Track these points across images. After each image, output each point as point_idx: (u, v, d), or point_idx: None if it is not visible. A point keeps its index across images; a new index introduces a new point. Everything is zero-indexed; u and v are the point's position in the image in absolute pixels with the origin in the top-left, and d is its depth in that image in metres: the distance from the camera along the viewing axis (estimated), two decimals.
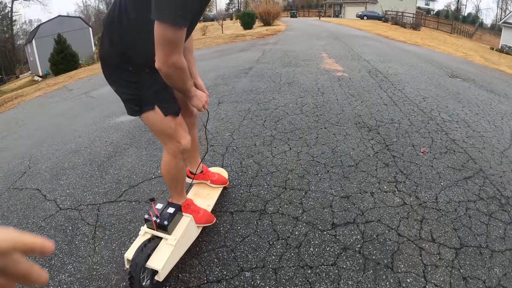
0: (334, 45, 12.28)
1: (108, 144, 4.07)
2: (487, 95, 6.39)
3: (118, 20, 1.58)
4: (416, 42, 17.73)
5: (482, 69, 10.99)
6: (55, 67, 20.28)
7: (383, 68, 7.85)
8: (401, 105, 5.10)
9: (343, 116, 4.57)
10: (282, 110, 4.80)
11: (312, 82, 6.35)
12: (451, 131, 4.21)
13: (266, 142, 3.81)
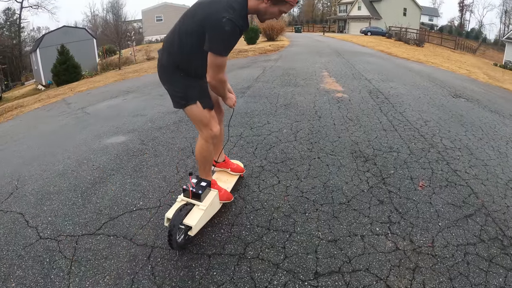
0: (336, 62, 12.14)
1: (95, 169, 3.94)
2: (491, 117, 6.20)
3: (174, 42, 2.31)
4: (420, 59, 17.59)
5: (486, 88, 10.83)
6: (57, 77, 20.37)
7: (384, 88, 7.67)
8: (401, 130, 4.89)
9: (339, 144, 4.36)
10: (275, 137, 4.60)
11: (310, 104, 6.17)
12: (453, 160, 3.99)
13: (255, 173, 3.62)
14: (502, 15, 76.37)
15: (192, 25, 2.21)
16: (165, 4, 51.56)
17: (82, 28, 38.63)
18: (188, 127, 5.14)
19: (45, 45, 27.84)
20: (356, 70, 10.25)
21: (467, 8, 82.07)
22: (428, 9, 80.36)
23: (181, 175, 3.64)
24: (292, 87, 7.62)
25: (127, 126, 5.51)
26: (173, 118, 5.70)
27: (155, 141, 4.67)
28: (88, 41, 30.55)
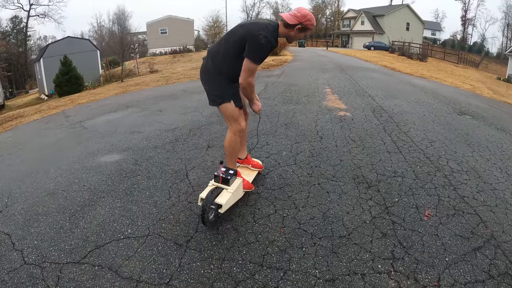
0: (339, 78, 11.99)
1: (85, 190, 3.79)
2: (497, 135, 6.01)
3: (219, 52, 2.95)
4: (423, 74, 17.47)
5: (491, 103, 10.66)
6: (59, 88, 20.32)
7: (388, 105, 7.50)
8: (406, 152, 4.69)
9: (341, 168, 4.15)
10: (273, 160, 4.40)
11: (312, 124, 5.98)
12: (460, 185, 3.78)
13: (250, 201, 3.41)
14: (504, 29, 76.67)
15: (234, 38, 2.87)
16: (170, 17, 51.81)
17: (86, 39, 39.03)
18: (184, 147, 4.97)
19: (48, 55, 27.99)
20: (359, 87, 10.08)
21: (469, 22, 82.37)
22: (430, 23, 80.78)
23: (172, 201, 3.46)
24: (293, 105, 7.45)
25: (122, 144, 5.35)
26: (170, 136, 5.53)
27: (149, 162, 4.50)
28: (92, 53, 30.70)
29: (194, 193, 3.60)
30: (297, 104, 7.48)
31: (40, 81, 31.26)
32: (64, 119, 8.54)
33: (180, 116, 6.85)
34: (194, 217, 3.17)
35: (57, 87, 20.61)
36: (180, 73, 17.93)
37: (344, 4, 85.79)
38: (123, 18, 72.54)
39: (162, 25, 50.70)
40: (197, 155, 4.63)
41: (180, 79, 14.37)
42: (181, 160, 4.50)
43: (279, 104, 7.48)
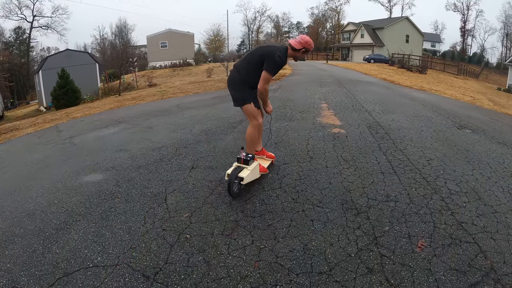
0: (337, 92, 11.81)
1: (63, 211, 3.69)
2: (499, 150, 5.77)
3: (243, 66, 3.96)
4: (423, 87, 17.34)
5: (491, 115, 10.47)
6: (56, 101, 20.34)
7: (385, 121, 7.27)
8: (401, 172, 4.43)
9: (329, 192, 3.88)
10: (257, 183, 4.15)
11: (303, 142, 5.73)
12: (458, 209, 3.51)
13: (227, 230, 3.17)
14: (504, 39, 76.88)
15: (255, 57, 3.92)
16: (170, 31, 52.20)
17: (85, 52, 39.33)
18: (168, 168, 4.78)
19: (47, 67, 28.08)
20: (356, 101, 9.87)
21: (468, 33, 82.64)
22: (430, 35, 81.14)
23: (147, 228, 3.25)
24: (286, 122, 7.23)
25: (107, 163, 5.22)
26: (155, 155, 5.36)
27: (130, 183, 4.34)
28: (91, 65, 30.75)
29: (170, 219, 3.39)
30: (290, 121, 7.26)
31: (39, 93, 31.39)
32: (56, 134, 8.52)
33: (169, 134, 6.68)
34: (166, 246, 2.96)
35: (54, 99, 20.61)
36: (177, 88, 17.84)
37: (344, 17, 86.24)
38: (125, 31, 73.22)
39: (162, 39, 51.06)
40: (179, 177, 4.42)
41: (176, 94, 14.26)
42: (162, 182, 4.30)
43: (272, 121, 7.18)
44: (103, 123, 8.87)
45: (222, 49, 66.41)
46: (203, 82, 19.42)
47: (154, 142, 6.18)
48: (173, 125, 7.52)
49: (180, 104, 10.78)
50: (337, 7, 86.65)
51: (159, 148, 5.71)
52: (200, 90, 14.69)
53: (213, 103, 10.25)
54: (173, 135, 6.54)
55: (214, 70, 31.17)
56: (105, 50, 65.69)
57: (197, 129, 6.85)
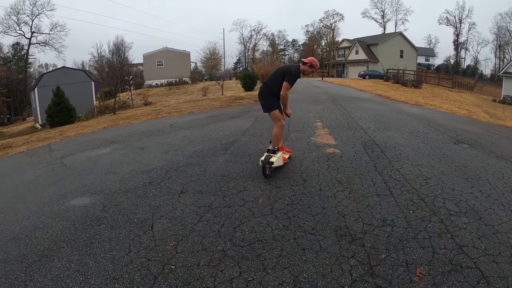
0: (332, 110, 11.74)
1: (48, 237, 3.62)
2: (498, 164, 5.67)
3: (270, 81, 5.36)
4: (418, 102, 17.35)
5: (488, 128, 10.44)
6: (51, 119, 20.26)
7: (381, 139, 7.16)
8: (398, 193, 4.28)
9: (322, 218, 3.71)
10: (248, 208, 3.98)
11: (297, 164, 5.58)
12: (459, 231, 3.36)
13: (214, 261, 3.00)
14: (497, 50, 78.24)
15: (278, 73, 5.28)
16: (166, 49, 52.53)
17: (81, 70, 39.59)
18: (156, 192, 4.64)
19: (43, 85, 28.18)
20: (351, 119, 9.78)
21: (462, 46, 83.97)
22: (424, 49, 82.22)
23: (131, 257, 3.11)
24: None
25: (95, 186, 5.14)
26: (145, 179, 5.23)
27: (117, 208, 4.22)
28: (86, 83, 30.86)
29: (155, 248, 3.23)
30: (284, 141, 7.06)
31: (34, 110, 31.48)
32: (48, 153, 8.49)
33: (160, 155, 6.56)
34: (150, 278, 2.82)
35: (49, 117, 20.51)
36: (172, 106, 17.79)
37: (339, 34, 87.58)
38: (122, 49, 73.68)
39: (159, 57, 51.37)
40: (167, 202, 4.28)
41: (171, 113, 14.17)
42: (149, 208, 4.15)
43: (265, 142, 7.07)
44: (95, 143, 8.78)
45: (219, 67, 66.95)
46: (198, 101, 19.39)
47: (145, 164, 6.05)
48: (165, 146, 7.39)
49: (173, 123, 10.68)
50: (332, 24, 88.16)
51: (149, 171, 5.58)
52: (194, 109, 14.61)
53: (207, 123, 10.14)
54: (164, 157, 6.41)
55: (210, 88, 31.25)
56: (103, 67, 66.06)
57: (189, 151, 6.73)
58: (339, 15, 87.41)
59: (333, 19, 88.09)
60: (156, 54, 51.59)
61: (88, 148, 8.26)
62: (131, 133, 9.67)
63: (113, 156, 6.93)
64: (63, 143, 9.91)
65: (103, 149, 7.85)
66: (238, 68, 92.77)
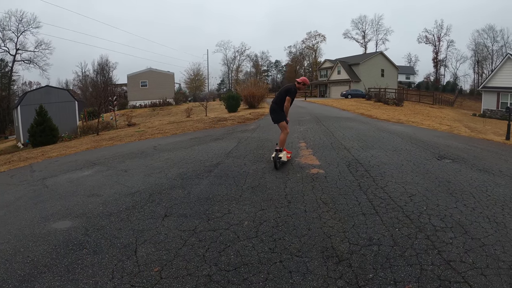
0: (315, 130, 11.86)
1: (28, 261, 3.50)
2: (481, 177, 5.79)
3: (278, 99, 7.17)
4: (400, 119, 17.63)
5: (470, 142, 10.68)
6: (33, 138, 19.84)
7: (364, 157, 7.23)
8: (383, 212, 4.29)
9: (308, 239, 3.67)
10: (233, 232, 3.92)
11: (281, 185, 5.55)
12: (445, 246, 3.38)
13: (199, 286, 2.92)
14: (475, 66, 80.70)
15: (282, 93, 7.14)
16: (150, 70, 52.45)
17: (64, 89, 39.11)
18: (140, 216, 4.55)
19: (26, 103, 27.60)
20: (335, 138, 9.88)
21: (441, 63, 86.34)
22: (404, 68, 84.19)
23: (114, 283, 3.01)
24: (264, 164, 7.08)
25: (77, 209, 5.03)
26: (128, 202, 5.13)
27: (100, 232, 4.11)
28: (70, 103, 30.38)
29: (139, 274, 3.14)
30: (267, 163, 7.10)
31: (17, 128, 30.76)
32: (29, 174, 8.36)
33: (143, 178, 6.47)
34: None
35: (31, 137, 20.11)
36: (155, 128, 17.69)
37: (321, 55, 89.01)
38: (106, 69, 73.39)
39: (143, 78, 51.19)
40: (151, 226, 4.19)
41: (154, 135, 14.08)
42: (133, 232, 4.06)
43: (249, 163, 7.10)
44: (78, 165, 8.65)
45: (202, 88, 67.06)
46: (181, 123, 19.33)
47: (128, 186, 5.96)
48: (148, 168, 7.30)
49: (157, 145, 10.59)
50: (314, 45, 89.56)
51: (133, 194, 5.48)
52: (178, 131, 14.56)
53: (190, 145, 10.07)
54: (147, 179, 6.32)
55: (194, 109, 31.20)
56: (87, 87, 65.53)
57: (173, 173, 6.66)
58: (321, 36, 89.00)
59: (315, 40, 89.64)
60: (140, 75, 51.42)
61: (71, 169, 8.12)
62: (114, 155, 9.54)
63: (96, 178, 6.82)
64: (45, 163, 9.76)
65: (86, 170, 7.72)
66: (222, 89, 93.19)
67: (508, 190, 5.26)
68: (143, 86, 50.95)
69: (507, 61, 32.92)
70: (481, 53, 77.86)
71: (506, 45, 73.26)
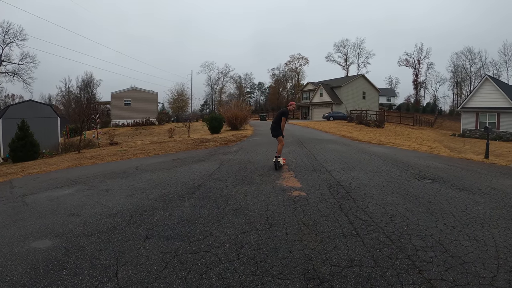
0: (297, 153, 11.97)
1: (7, 280, 3.42)
2: (460, 196, 5.93)
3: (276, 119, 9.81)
4: (381, 141, 17.91)
5: (450, 162, 10.92)
6: (14, 153, 19.28)
7: (345, 179, 7.32)
8: (364, 233, 4.35)
9: (290, 261, 3.68)
10: (214, 254, 3.89)
11: (262, 208, 5.55)
12: (426, 265, 3.45)
13: None
14: (454, 87, 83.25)
15: (278, 115, 9.77)
16: (134, 89, 52.26)
17: (47, 104, 38.51)
18: (121, 237, 4.48)
19: (8, 117, 26.92)
20: (316, 161, 10.01)
21: (421, 85, 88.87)
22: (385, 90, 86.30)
23: None
24: (246, 186, 7.08)
25: (58, 228, 4.92)
26: (109, 223, 5.05)
27: (80, 253, 4.02)
28: (52, 119, 29.85)
29: None
30: (250, 185, 7.11)
31: None
32: (9, 190, 8.14)
33: (125, 199, 6.38)
34: None
35: (12, 151, 19.59)
36: (138, 147, 17.54)
37: (304, 77, 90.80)
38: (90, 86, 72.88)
39: (126, 96, 50.92)
40: (132, 248, 4.12)
41: (137, 154, 13.94)
42: (114, 253, 3.99)
43: (231, 186, 7.09)
44: (58, 183, 8.48)
45: (186, 109, 67.03)
46: (164, 143, 19.22)
47: (109, 207, 5.87)
48: (130, 188, 7.22)
49: (139, 165, 10.48)
50: (297, 67, 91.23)
51: (114, 215, 5.41)
52: (160, 152, 14.46)
53: (173, 166, 10.03)
54: (129, 200, 6.24)
55: (177, 130, 31.11)
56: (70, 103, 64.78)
57: (155, 194, 6.60)
58: (304, 59, 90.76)
59: (299, 63, 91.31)
60: (124, 93, 51.13)
61: (51, 187, 7.97)
62: (96, 174, 9.40)
63: (76, 198, 6.70)
64: (25, 180, 9.57)
65: (67, 189, 7.58)
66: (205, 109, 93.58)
67: (488, 208, 5.42)
68: (127, 104, 50.65)
69: (485, 82, 34.11)
70: (459, 74, 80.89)
71: (484, 67, 76.51)
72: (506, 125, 31.40)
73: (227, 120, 27.17)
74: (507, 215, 5.16)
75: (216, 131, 24.85)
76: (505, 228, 4.56)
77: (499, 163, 11.89)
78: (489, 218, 4.91)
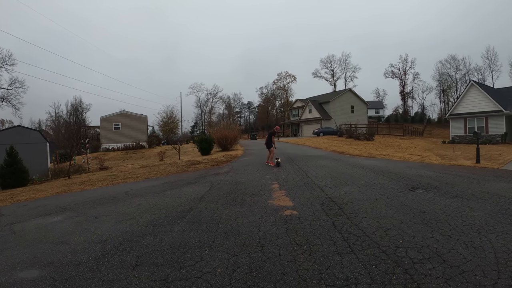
0: (288, 171, 11.95)
1: None
2: (455, 204, 5.91)
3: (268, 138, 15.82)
4: (372, 153, 17.98)
5: (441, 170, 10.95)
6: (2, 180, 18.92)
7: (338, 195, 7.27)
8: (359, 249, 4.27)
9: (283, 284, 3.57)
10: (205, 280, 3.78)
11: (254, 229, 5.44)
12: (424, 278, 3.38)
13: None
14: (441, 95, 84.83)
15: (269, 136, 15.70)
16: (124, 113, 52.14)
17: (36, 130, 38.10)
18: (110, 266, 4.35)
19: None
20: (308, 178, 9.96)
21: (408, 96, 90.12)
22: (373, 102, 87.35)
23: None
24: (237, 207, 6.97)
25: (45, 257, 4.82)
26: (98, 250, 4.92)
27: (68, 283, 3.91)
28: (41, 145, 29.50)
29: None
30: (241, 206, 7.01)
31: None
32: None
33: (114, 225, 6.26)
34: None
35: (1, 178, 19.26)
36: (128, 172, 17.36)
37: (292, 95, 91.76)
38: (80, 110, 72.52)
39: (116, 120, 50.75)
40: (121, 277, 4.00)
41: (127, 179, 13.79)
42: (102, 283, 3.87)
43: (222, 208, 6.99)
44: (47, 210, 8.34)
45: (176, 131, 66.99)
46: (154, 166, 19.07)
47: (98, 234, 5.75)
48: (119, 214, 7.08)
49: (129, 190, 10.34)
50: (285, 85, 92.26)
51: (103, 242, 5.29)
52: (151, 175, 14.33)
53: (163, 190, 9.91)
54: (118, 226, 6.11)
55: (167, 153, 30.96)
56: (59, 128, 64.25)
57: (144, 220, 6.47)
58: (292, 76, 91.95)
59: (286, 80, 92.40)
60: (113, 117, 50.96)
61: (40, 214, 7.84)
62: (85, 200, 9.26)
63: (65, 225, 6.58)
64: (14, 207, 9.41)
65: (55, 216, 7.46)
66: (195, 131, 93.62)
67: (483, 213, 5.41)
68: (116, 128, 50.44)
69: (471, 87, 34.64)
70: (445, 82, 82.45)
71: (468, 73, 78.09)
72: (494, 128, 31.86)
73: (217, 141, 27.10)
74: (503, 218, 5.15)
75: (207, 153, 24.75)
76: (502, 232, 4.55)
77: (491, 167, 12.02)
78: (485, 223, 4.89)
